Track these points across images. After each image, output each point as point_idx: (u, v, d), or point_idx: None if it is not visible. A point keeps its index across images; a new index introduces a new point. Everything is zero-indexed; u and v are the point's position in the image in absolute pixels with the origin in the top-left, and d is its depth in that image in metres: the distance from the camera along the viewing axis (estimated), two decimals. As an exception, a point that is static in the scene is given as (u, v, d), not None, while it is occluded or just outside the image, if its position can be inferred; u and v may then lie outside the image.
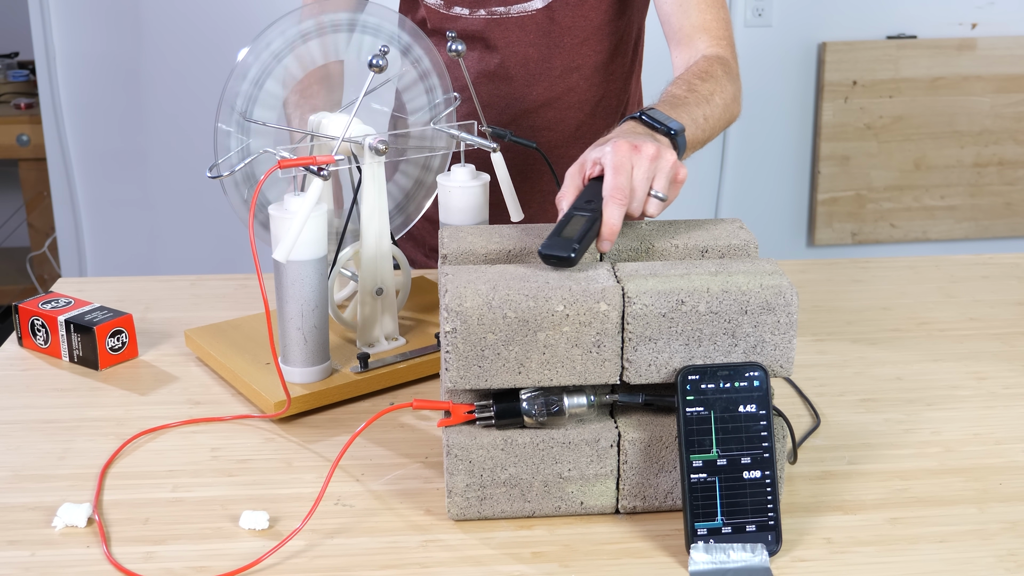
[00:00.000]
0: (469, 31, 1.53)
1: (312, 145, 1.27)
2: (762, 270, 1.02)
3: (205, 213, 3.10)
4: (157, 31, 3.00)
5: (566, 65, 1.54)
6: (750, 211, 3.22)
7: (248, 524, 1.00)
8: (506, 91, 1.55)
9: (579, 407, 1.00)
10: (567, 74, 1.54)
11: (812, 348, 1.37)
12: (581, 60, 1.54)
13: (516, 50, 1.52)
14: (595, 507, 1.02)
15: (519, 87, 1.54)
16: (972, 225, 3.29)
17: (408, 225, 1.42)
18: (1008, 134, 3.22)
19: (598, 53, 1.55)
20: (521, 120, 1.56)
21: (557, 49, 1.52)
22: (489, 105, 1.55)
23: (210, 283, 1.55)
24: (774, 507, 0.96)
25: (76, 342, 1.31)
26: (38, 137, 3.19)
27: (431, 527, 1.00)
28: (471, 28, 1.53)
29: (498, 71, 1.54)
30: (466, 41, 1.50)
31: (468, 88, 1.32)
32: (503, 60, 1.53)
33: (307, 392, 1.19)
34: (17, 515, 1.02)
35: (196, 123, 3.00)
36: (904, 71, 3.14)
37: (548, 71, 1.53)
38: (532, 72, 1.54)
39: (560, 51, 1.52)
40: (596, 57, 1.55)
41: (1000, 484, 1.08)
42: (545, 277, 0.99)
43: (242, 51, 1.21)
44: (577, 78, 1.55)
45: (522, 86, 1.54)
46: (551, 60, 1.53)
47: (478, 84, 1.54)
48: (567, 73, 1.54)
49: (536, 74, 1.54)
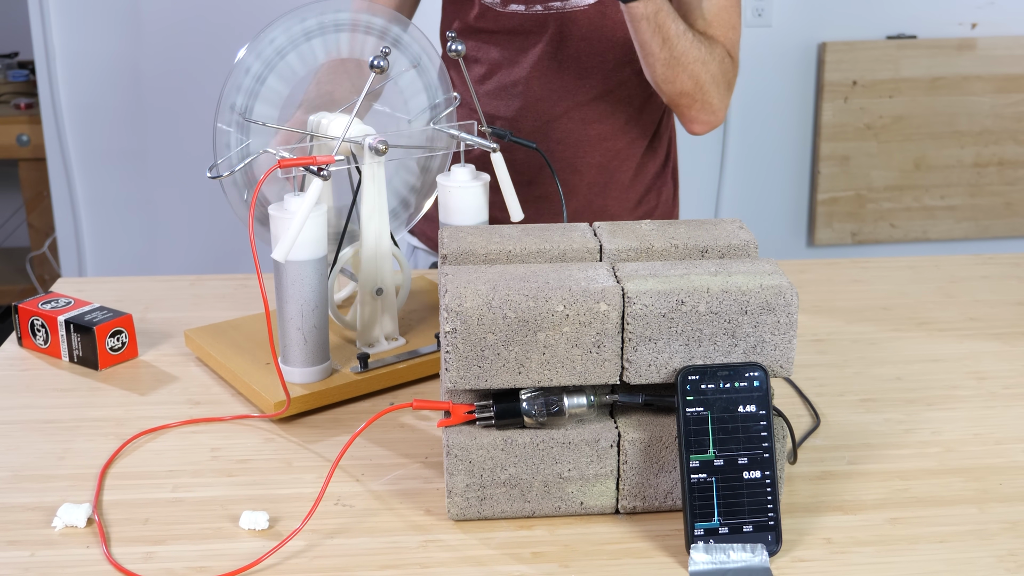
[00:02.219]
0: (526, 27, 1.55)
1: (311, 145, 1.27)
2: (762, 270, 1.02)
3: (205, 213, 3.10)
4: (157, 31, 3.00)
5: (619, 59, 1.57)
6: (750, 211, 3.22)
7: (248, 524, 1.00)
8: (558, 85, 1.57)
9: (579, 407, 1.00)
10: (620, 68, 1.57)
11: (812, 348, 1.37)
12: (633, 55, 1.56)
13: (569, 43, 1.55)
14: (595, 507, 1.02)
15: (571, 80, 1.57)
16: (972, 225, 3.29)
17: (408, 225, 1.42)
18: (1008, 134, 3.22)
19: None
20: (573, 112, 1.59)
21: (610, 43, 1.55)
22: (543, 99, 1.58)
23: (210, 283, 1.55)
24: (774, 507, 0.96)
25: (76, 342, 1.31)
26: (38, 137, 3.19)
27: (431, 527, 1.00)
28: (527, 24, 1.55)
29: (551, 65, 1.56)
30: (521, 36, 1.54)
31: (469, 88, 1.32)
32: (556, 54, 1.56)
33: (307, 392, 1.19)
34: (17, 515, 1.02)
35: (196, 123, 2.99)
36: (904, 71, 3.14)
37: (601, 65, 1.56)
38: (585, 66, 1.57)
39: (613, 46, 1.55)
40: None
41: (1000, 484, 1.08)
42: (545, 277, 0.99)
43: (241, 50, 1.21)
44: (629, 72, 1.58)
45: (574, 79, 1.57)
46: (605, 54, 1.56)
47: (532, 78, 1.57)
48: (620, 67, 1.57)
49: (589, 68, 1.57)
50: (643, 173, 1.67)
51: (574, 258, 1.07)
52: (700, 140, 3.15)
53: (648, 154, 1.67)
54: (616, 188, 1.65)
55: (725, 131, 3.16)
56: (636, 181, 1.66)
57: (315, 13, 1.24)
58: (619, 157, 1.63)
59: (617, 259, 1.07)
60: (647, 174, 1.68)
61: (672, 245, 1.08)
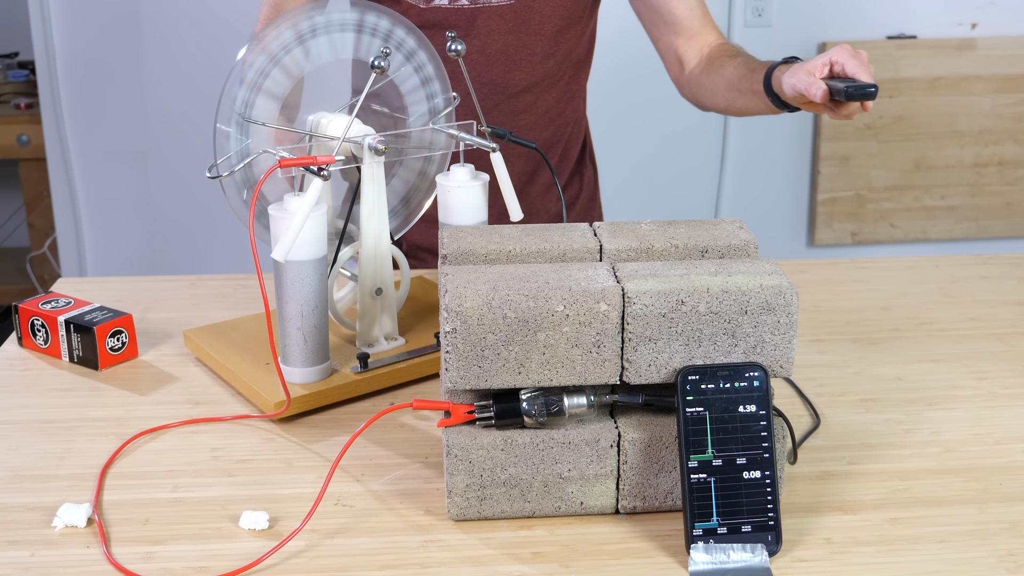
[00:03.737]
0: (451, 21, 1.57)
1: (310, 145, 1.27)
2: (762, 270, 1.02)
3: (205, 213, 3.10)
4: (157, 31, 3.00)
5: (545, 52, 1.60)
6: (750, 211, 3.22)
7: (248, 524, 1.00)
8: (487, 78, 1.59)
9: (579, 407, 1.00)
10: (546, 60, 1.61)
11: (812, 348, 1.37)
12: (556, 47, 1.60)
13: (496, 38, 1.57)
14: (595, 507, 1.02)
15: (499, 73, 1.59)
16: (972, 225, 3.29)
17: (408, 225, 1.42)
18: (1008, 134, 3.22)
19: (570, 40, 1.62)
20: (503, 105, 1.62)
21: (537, 36, 1.58)
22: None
23: (210, 283, 1.55)
24: (774, 507, 0.96)
25: (76, 342, 1.31)
26: (38, 137, 3.19)
27: (431, 527, 1.00)
28: (453, 19, 1.57)
29: (479, 58, 1.58)
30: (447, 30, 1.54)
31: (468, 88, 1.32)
32: (483, 47, 1.58)
33: (307, 392, 1.19)
34: (17, 515, 1.02)
35: (196, 123, 3.00)
36: (904, 71, 3.14)
37: (529, 58, 1.59)
38: (513, 59, 1.59)
39: (540, 39, 1.58)
40: (569, 44, 1.62)
41: (1000, 484, 1.08)
42: (545, 277, 0.99)
43: (241, 50, 1.21)
44: (553, 64, 1.62)
45: (503, 72, 1.59)
46: (532, 47, 1.58)
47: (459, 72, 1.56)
48: (546, 59, 1.61)
49: (517, 60, 1.59)
50: (567, 159, 1.72)
51: (574, 258, 1.07)
52: (700, 140, 3.16)
53: (571, 140, 1.71)
54: (544, 175, 1.69)
55: (725, 131, 3.16)
56: (562, 167, 1.71)
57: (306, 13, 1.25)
58: (545, 145, 1.67)
59: (617, 259, 1.07)
60: (570, 160, 1.73)
61: (672, 245, 1.08)
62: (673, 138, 3.14)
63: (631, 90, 3.05)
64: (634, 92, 3.05)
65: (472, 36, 1.57)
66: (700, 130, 3.15)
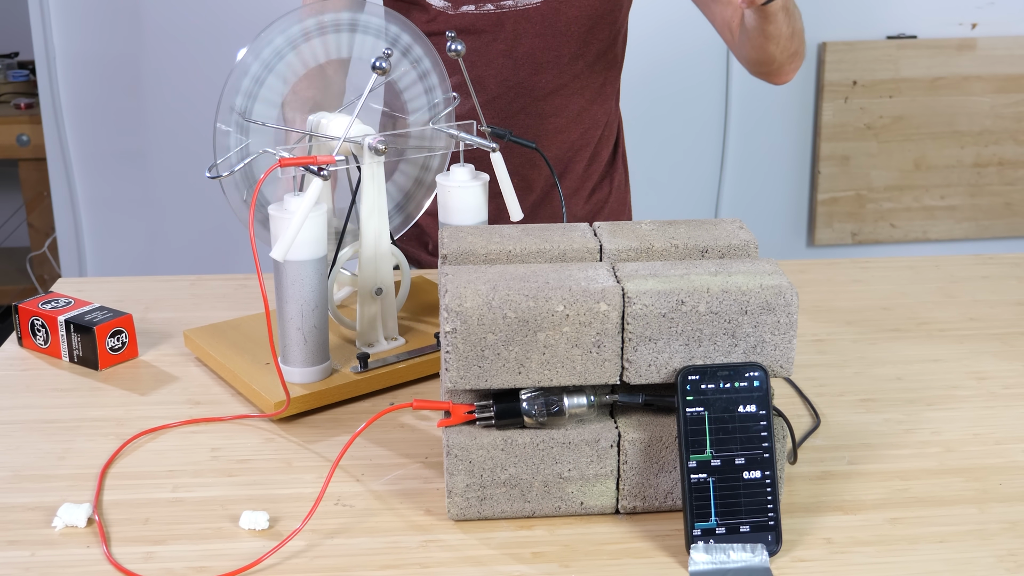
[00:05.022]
0: (478, 26, 1.56)
1: (310, 145, 1.27)
2: (762, 270, 1.02)
3: (205, 213, 3.10)
4: (157, 31, 3.00)
5: (573, 53, 1.59)
6: (750, 211, 3.22)
7: (248, 524, 1.00)
8: (514, 81, 1.59)
9: (579, 407, 1.00)
10: (574, 62, 1.60)
11: (812, 348, 1.37)
12: (586, 48, 1.59)
13: (524, 41, 1.57)
14: (595, 507, 1.02)
15: (526, 76, 1.59)
16: (972, 225, 3.29)
17: (408, 225, 1.42)
18: (1008, 134, 3.22)
19: (601, 41, 1.61)
20: (530, 107, 1.61)
21: (564, 38, 1.57)
22: (499, 96, 1.60)
23: (210, 283, 1.55)
24: (774, 507, 0.96)
25: (76, 342, 1.31)
26: (38, 137, 3.18)
27: (431, 527, 1.00)
28: (480, 24, 1.56)
29: (506, 62, 1.58)
30: (475, 35, 1.55)
31: (468, 88, 1.32)
32: (510, 50, 1.57)
33: (307, 392, 1.19)
34: (17, 515, 1.02)
35: (196, 123, 2.99)
36: (904, 71, 3.14)
37: (556, 60, 1.59)
38: (540, 61, 1.58)
39: (568, 40, 1.58)
40: (599, 45, 1.61)
41: (1000, 484, 1.07)
42: (545, 277, 0.99)
43: (241, 51, 1.21)
44: (582, 65, 1.61)
45: (529, 75, 1.59)
46: (559, 49, 1.58)
47: (487, 76, 1.59)
48: (574, 61, 1.60)
49: (544, 63, 1.59)
50: (597, 162, 1.71)
51: (574, 258, 1.07)
52: (700, 140, 3.16)
53: (601, 143, 1.70)
54: (572, 179, 1.68)
55: (725, 131, 3.16)
56: (590, 170, 1.70)
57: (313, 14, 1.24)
58: (574, 148, 1.66)
59: (617, 259, 1.07)
60: (600, 162, 1.72)
61: (672, 245, 1.08)
62: (673, 138, 3.14)
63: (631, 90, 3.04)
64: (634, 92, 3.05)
65: (499, 40, 1.57)
66: (700, 130, 3.15)
